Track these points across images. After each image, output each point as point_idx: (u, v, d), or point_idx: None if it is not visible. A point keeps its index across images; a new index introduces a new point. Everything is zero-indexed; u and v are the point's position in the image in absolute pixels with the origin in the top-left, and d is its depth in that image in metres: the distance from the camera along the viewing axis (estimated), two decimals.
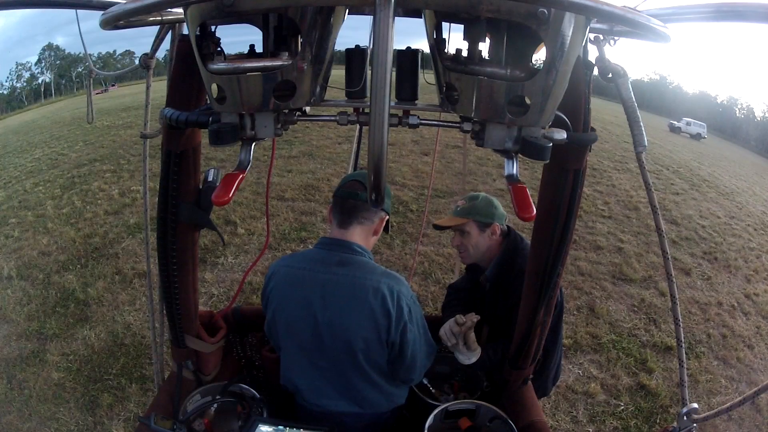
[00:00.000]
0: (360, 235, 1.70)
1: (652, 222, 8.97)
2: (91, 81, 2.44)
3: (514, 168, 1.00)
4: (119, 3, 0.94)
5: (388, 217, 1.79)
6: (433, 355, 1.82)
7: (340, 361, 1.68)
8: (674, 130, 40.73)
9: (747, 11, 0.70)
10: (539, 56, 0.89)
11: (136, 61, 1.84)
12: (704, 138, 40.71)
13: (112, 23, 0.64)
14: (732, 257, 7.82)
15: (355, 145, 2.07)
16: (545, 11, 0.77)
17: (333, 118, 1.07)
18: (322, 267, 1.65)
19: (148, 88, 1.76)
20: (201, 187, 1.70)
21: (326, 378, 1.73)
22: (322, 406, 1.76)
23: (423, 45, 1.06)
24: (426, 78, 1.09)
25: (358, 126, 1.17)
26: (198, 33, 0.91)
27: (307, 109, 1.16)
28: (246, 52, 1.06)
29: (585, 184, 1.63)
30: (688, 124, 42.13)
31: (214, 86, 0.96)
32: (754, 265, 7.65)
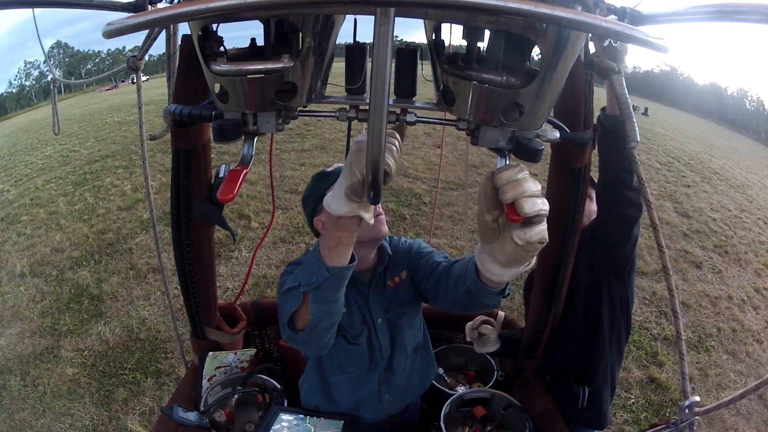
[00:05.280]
0: None
1: (663, 215, 8.84)
2: (55, 90, 2.40)
3: None
4: (120, 4, 0.95)
5: None
6: None
7: None
8: None
9: (750, 11, 0.69)
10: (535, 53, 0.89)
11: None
12: None
13: (116, 35, 0.65)
14: (742, 251, 7.76)
15: (347, 139, 2.05)
16: (543, 23, 0.77)
17: (333, 114, 1.07)
18: None
19: (138, 90, 1.74)
20: (213, 182, 1.71)
21: None
22: None
23: (422, 36, 1.05)
24: (424, 74, 1.08)
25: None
26: (200, 33, 0.92)
27: None
28: (246, 44, 1.06)
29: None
30: None
31: (216, 85, 0.98)
32: (764, 259, 7.58)
